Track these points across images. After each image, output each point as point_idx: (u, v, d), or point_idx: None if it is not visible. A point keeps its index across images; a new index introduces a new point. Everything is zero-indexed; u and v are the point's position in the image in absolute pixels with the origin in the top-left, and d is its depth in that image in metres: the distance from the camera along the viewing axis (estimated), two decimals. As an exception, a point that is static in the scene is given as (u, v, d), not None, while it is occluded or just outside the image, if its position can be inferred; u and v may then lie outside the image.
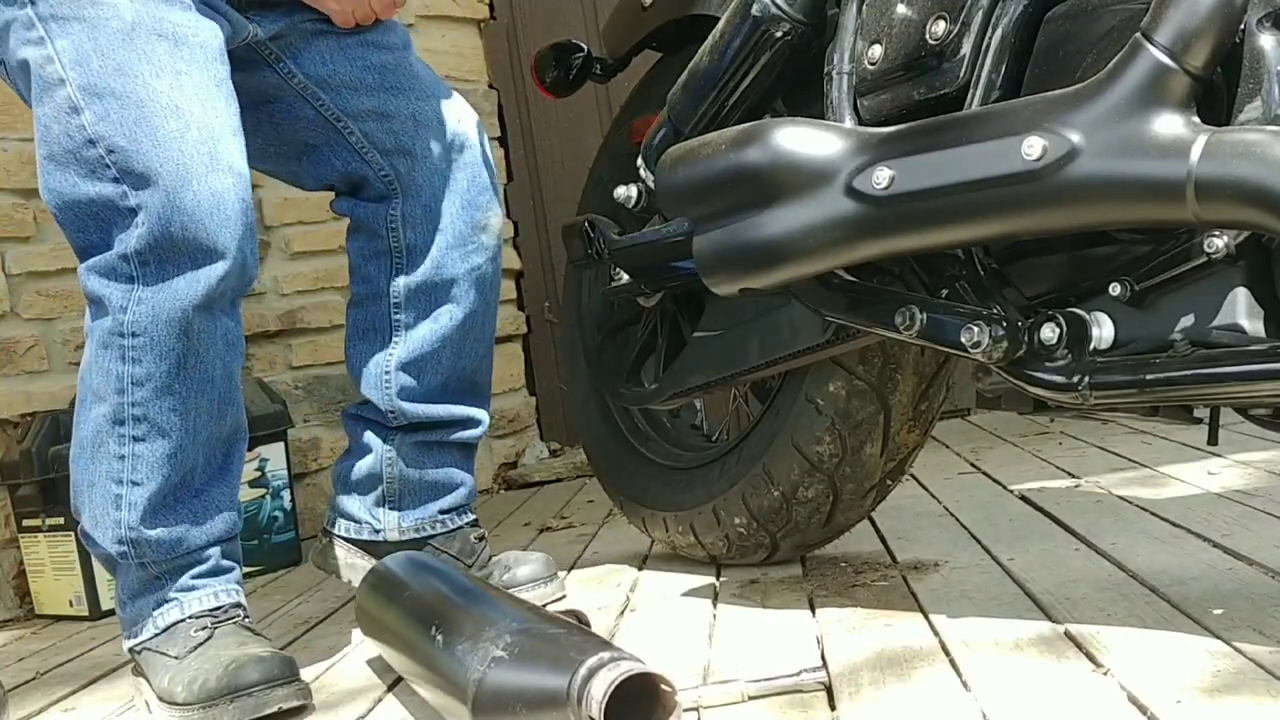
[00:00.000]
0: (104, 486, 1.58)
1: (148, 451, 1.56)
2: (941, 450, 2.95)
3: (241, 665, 1.48)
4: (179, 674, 1.52)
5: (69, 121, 1.51)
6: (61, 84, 1.51)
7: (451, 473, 1.92)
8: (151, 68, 1.50)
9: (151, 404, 1.54)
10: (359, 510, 1.93)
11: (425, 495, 1.92)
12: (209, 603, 1.60)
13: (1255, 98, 1.15)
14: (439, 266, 1.84)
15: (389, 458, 1.89)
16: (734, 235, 1.49)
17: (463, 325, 1.87)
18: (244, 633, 1.59)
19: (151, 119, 1.49)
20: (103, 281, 1.54)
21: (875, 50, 1.46)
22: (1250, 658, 1.20)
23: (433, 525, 1.92)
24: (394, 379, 1.86)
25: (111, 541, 1.58)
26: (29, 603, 2.59)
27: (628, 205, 1.87)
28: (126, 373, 1.54)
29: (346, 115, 1.79)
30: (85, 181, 1.51)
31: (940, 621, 1.48)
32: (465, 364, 1.89)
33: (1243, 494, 2.01)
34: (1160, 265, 1.24)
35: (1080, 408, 1.31)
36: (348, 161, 1.82)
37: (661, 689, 1.18)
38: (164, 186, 1.48)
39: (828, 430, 1.75)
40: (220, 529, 1.62)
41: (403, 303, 1.85)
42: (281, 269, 3.14)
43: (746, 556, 1.91)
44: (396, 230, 1.83)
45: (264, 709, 1.46)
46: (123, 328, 1.53)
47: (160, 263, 1.50)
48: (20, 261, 2.64)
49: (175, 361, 1.53)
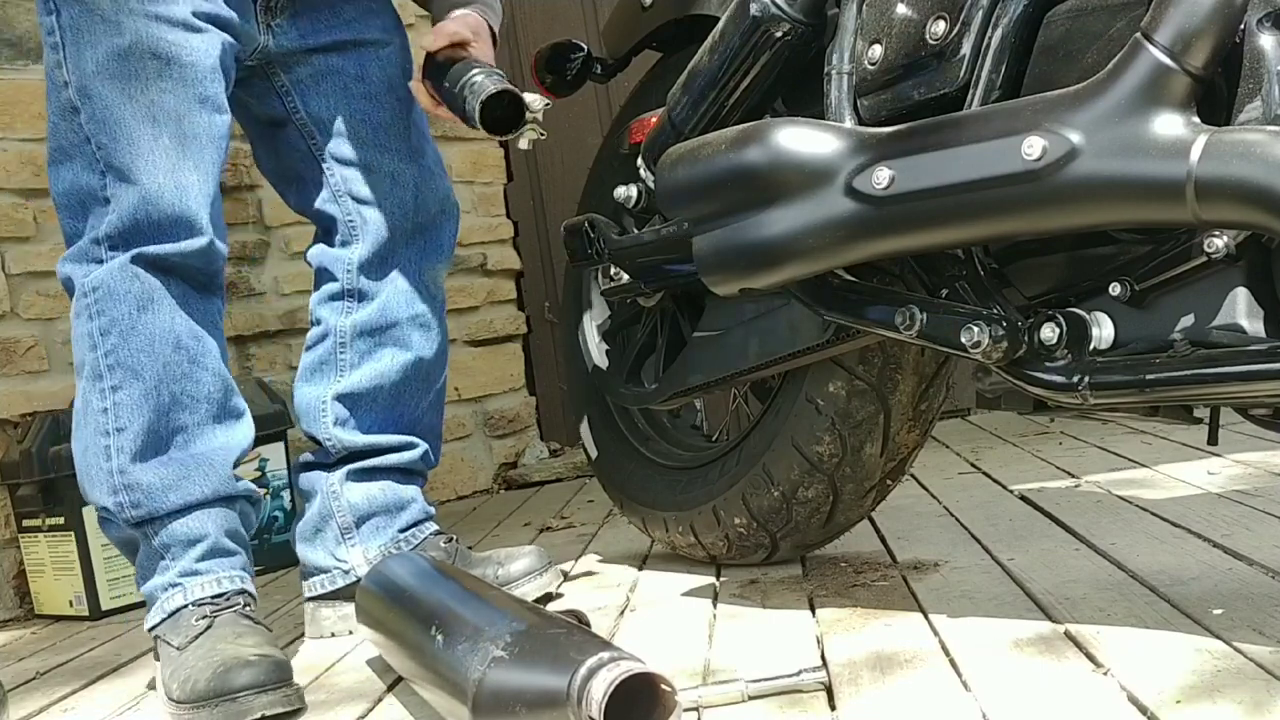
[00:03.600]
0: (95, 444, 1.66)
1: (126, 397, 1.65)
2: (941, 450, 2.95)
3: (229, 668, 1.50)
4: (177, 669, 1.55)
5: (72, 120, 1.67)
6: (66, 86, 1.67)
7: (398, 492, 1.93)
8: (138, 83, 1.64)
9: (121, 349, 1.64)
10: (323, 559, 1.93)
11: (380, 520, 1.92)
12: (211, 589, 1.64)
13: (1255, 98, 1.15)
14: (384, 310, 1.90)
15: (333, 491, 1.92)
16: (734, 235, 1.49)
17: (404, 369, 1.91)
18: (242, 623, 1.61)
19: (128, 123, 1.64)
20: (74, 266, 1.68)
21: (875, 50, 1.46)
22: (1250, 658, 1.20)
23: (396, 546, 1.91)
24: (329, 409, 1.91)
25: (107, 494, 1.65)
26: (29, 603, 2.59)
27: (628, 205, 1.87)
28: (95, 329, 1.65)
29: (333, 158, 1.89)
30: (83, 172, 1.67)
31: (940, 621, 1.48)
32: (403, 409, 1.93)
33: (1243, 494, 2.01)
34: (1160, 265, 1.24)
35: (1080, 408, 1.31)
36: (324, 201, 1.91)
37: (661, 689, 1.18)
38: (134, 180, 1.63)
39: (828, 430, 1.75)
40: (213, 486, 1.66)
41: (348, 341, 1.91)
42: (281, 269, 3.14)
43: (746, 556, 1.91)
44: (351, 273, 1.90)
45: (248, 715, 1.48)
46: (85, 288, 1.66)
47: (127, 244, 1.64)
48: (20, 261, 2.64)
49: (133, 304, 1.64)
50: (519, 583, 1.86)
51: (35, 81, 2.67)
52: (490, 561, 1.91)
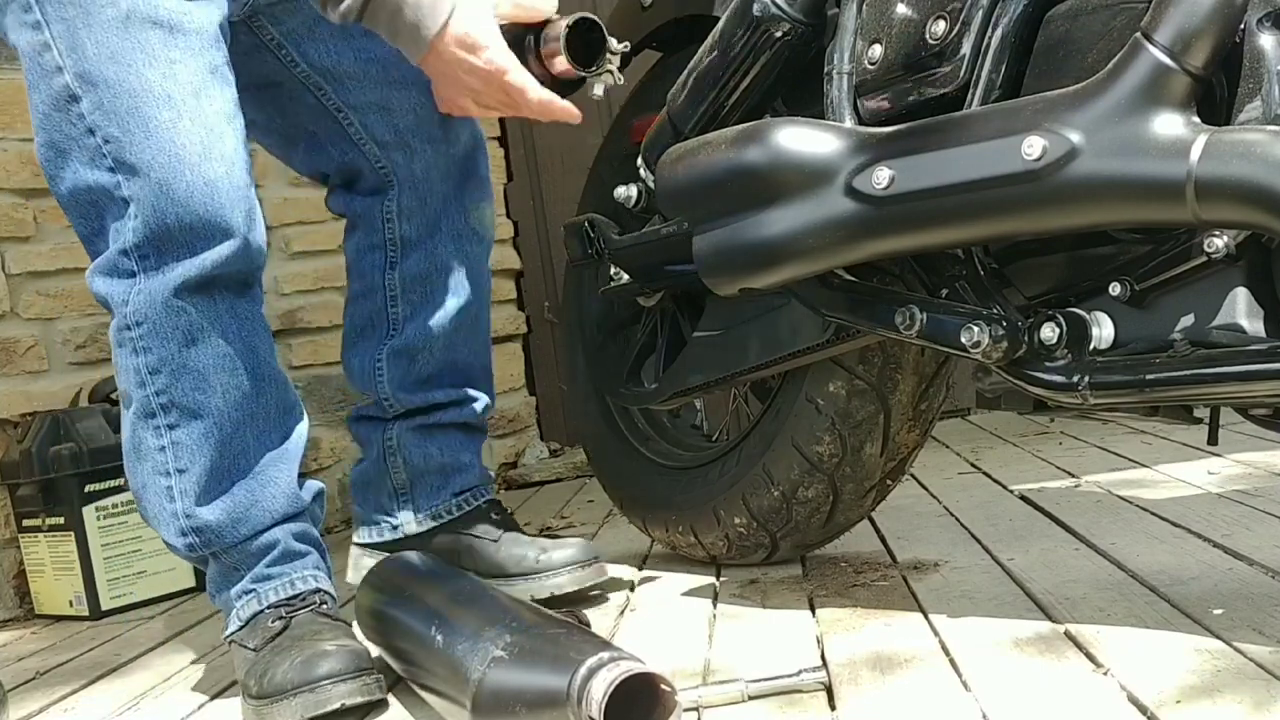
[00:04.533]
0: (154, 483, 1.58)
1: (185, 436, 1.55)
2: (941, 450, 2.95)
3: (308, 660, 1.47)
4: (254, 666, 1.52)
5: (69, 109, 1.51)
6: (59, 71, 1.50)
7: (458, 455, 1.89)
8: (145, 57, 1.49)
9: (173, 388, 1.54)
10: (374, 512, 1.91)
11: (435, 480, 1.88)
12: (285, 592, 1.60)
13: (1255, 98, 1.15)
14: (433, 257, 1.83)
15: (390, 447, 1.88)
16: (734, 235, 1.49)
17: (456, 317, 1.85)
18: (320, 620, 1.57)
19: (144, 109, 1.48)
20: (106, 281, 1.55)
21: (875, 50, 1.46)
22: (1250, 658, 1.20)
23: (448, 510, 1.88)
24: (385, 366, 1.85)
25: (175, 535, 1.59)
26: (29, 603, 2.59)
27: (628, 205, 1.87)
28: (142, 364, 1.54)
29: (348, 106, 1.78)
30: (86, 169, 1.51)
31: (940, 621, 1.48)
32: (458, 356, 1.88)
33: (1243, 494, 2.01)
34: (1160, 265, 1.24)
35: (1080, 408, 1.31)
36: (345, 152, 1.81)
37: (661, 689, 1.18)
38: (156, 178, 1.48)
39: (828, 430, 1.75)
40: (281, 507, 1.60)
41: (398, 295, 1.84)
42: (281, 269, 3.14)
43: (746, 556, 1.91)
44: (392, 222, 1.82)
45: (327, 705, 1.44)
46: (127, 320, 1.54)
47: (159, 253, 1.50)
48: (20, 261, 2.64)
49: (180, 340, 1.52)
50: (556, 571, 1.81)
51: (35, 81, 2.67)
52: (534, 545, 1.85)
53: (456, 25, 1.51)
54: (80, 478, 2.44)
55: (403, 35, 1.53)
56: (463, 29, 1.51)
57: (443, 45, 1.51)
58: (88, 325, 2.70)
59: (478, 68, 1.52)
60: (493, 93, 1.56)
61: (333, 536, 2.79)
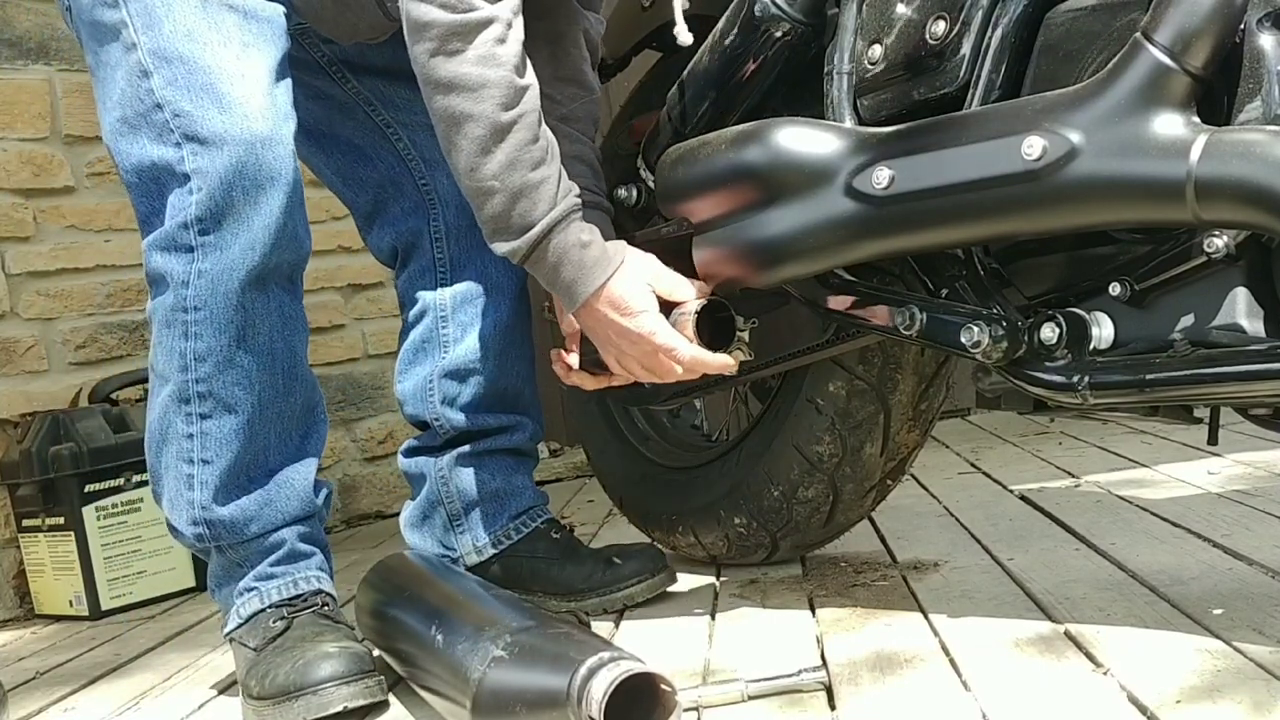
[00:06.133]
0: (176, 468, 1.58)
1: (216, 428, 1.56)
2: (941, 450, 2.95)
3: (309, 661, 1.47)
4: (255, 667, 1.52)
5: (140, 85, 1.52)
6: (134, 48, 1.52)
7: (510, 478, 1.87)
8: (220, 36, 1.51)
9: (215, 379, 1.54)
10: (432, 546, 1.89)
11: (490, 507, 1.86)
12: (287, 591, 1.60)
13: (1255, 98, 1.15)
14: (483, 278, 1.84)
15: (442, 476, 1.86)
16: (733, 235, 1.49)
17: (504, 337, 1.85)
18: (321, 622, 1.57)
19: (218, 85, 1.50)
20: (164, 256, 1.54)
21: (875, 50, 1.46)
22: (1250, 658, 1.20)
23: (507, 535, 1.86)
24: (437, 387, 1.84)
25: (186, 524, 1.59)
26: (29, 603, 2.59)
27: (628, 205, 1.87)
28: (189, 349, 1.54)
29: (397, 123, 1.82)
30: (153, 145, 1.52)
31: (940, 621, 1.48)
32: (506, 381, 1.86)
33: (1243, 494, 2.01)
34: (1160, 265, 1.24)
35: (1080, 408, 1.31)
36: (392, 166, 1.83)
37: (661, 689, 1.18)
38: (228, 152, 1.49)
39: (828, 430, 1.75)
40: (294, 509, 1.61)
41: (449, 314, 1.84)
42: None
43: (746, 556, 1.91)
44: (440, 241, 1.84)
45: (329, 708, 1.44)
46: (185, 302, 1.53)
47: (219, 229, 1.50)
48: (20, 261, 2.64)
49: (234, 335, 1.53)
50: (628, 583, 1.79)
51: (35, 81, 2.68)
52: (599, 559, 1.83)
53: (613, 289, 1.53)
54: (80, 478, 2.44)
55: (560, 288, 1.55)
56: (618, 292, 1.53)
57: (597, 303, 1.54)
58: (88, 325, 2.71)
59: (628, 330, 1.54)
60: (639, 354, 1.57)
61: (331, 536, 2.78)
